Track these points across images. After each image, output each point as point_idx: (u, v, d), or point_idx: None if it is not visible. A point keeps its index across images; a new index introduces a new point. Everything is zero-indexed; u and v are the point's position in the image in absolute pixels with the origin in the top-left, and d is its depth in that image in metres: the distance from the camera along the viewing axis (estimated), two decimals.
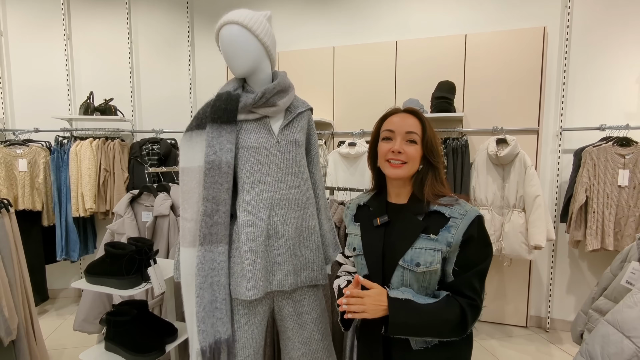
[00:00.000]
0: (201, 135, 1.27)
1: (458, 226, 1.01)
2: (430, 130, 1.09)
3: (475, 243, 1.01)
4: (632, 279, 1.49)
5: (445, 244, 1.01)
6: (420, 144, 1.08)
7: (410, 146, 1.08)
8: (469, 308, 0.98)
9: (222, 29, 1.27)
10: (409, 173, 1.09)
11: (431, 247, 1.02)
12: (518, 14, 3.09)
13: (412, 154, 1.07)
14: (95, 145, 3.27)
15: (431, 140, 1.08)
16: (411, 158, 1.08)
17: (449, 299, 1.00)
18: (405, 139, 1.08)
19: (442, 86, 2.97)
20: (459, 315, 0.98)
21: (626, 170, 2.60)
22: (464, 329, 1.00)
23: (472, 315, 0.99)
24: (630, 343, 1.26)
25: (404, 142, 1.08)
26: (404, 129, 1.08)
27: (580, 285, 3.05)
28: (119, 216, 1.85)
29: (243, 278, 1.23)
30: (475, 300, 1.00)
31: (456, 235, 1.00)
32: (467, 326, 0.99)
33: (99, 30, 3.69)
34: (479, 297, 1.01)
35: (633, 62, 2.87)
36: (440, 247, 1.01)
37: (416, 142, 1.08)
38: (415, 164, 1.09)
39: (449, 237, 1.01)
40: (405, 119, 1.10)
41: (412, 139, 1.08)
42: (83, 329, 1.87)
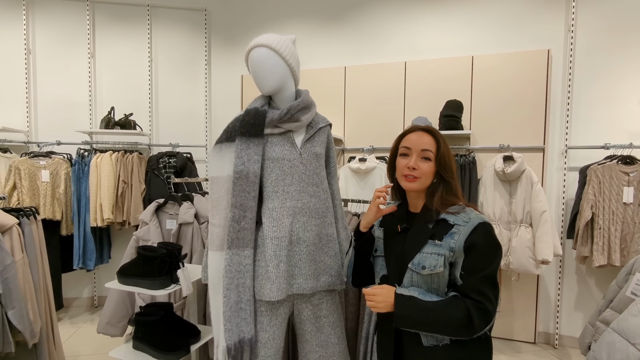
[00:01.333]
0: (230, 147, 1.38)
1: (460, 232, 1.08)
2: (444, 147, 1.18)
3: (479, 249, 1.06)
4: (637, 290, 1.54)
5: (448, 249, 1.08)
6: (434, 160, 1.17)
7: (425, 163, 1.17)
8: (474, 309, 1.02)
9: (252, 51, 1.39)
10: (421, 187, 1.18)
11: (435, 252, 1.10)
12: (523, 37, 3.22)
13: (425, 170, 1.17)
14: (115, 157, 3.40)
15: (445, 157, 1.17)
16: (424, 173, 1.17)
17: (454, 298, 1.06)
18: (420, 156, 1.17)
19: (450, 105, 3.08)
20: (464, 315, 1.02)
21: (630, 188, 2.66)
22: (470, 329, 1.04)
23: (480, 316, 1.03)
24: (636, 350, 1.31)
25: (419, 159, 1.17)
26: (420, 146, 1.17)
27: (588, 301, 3.08)
28: (144, 223, 1.95)
29: (267, 280, 1.32)
30: (482, 303, 1.03)
31: (458, 241, 1.08)
32: (474, 327, 1.03)
33: (121, 48, 3.88)
34: (487, 300, 1.04)
35: (635, 83, 2.97)
36: (443, 252, 1.09)
37: (430, 159, 1.17)
38: (429, 178, 1.18)
39: (451, 242, 1.08)
40: (421, 137, 1.19)
41: (427, 156, 1.17)
42: (106, 331, 1.95)
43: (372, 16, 3.60)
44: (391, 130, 3.38)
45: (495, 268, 1.08)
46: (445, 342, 1.11)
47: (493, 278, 1.07)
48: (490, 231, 1.10)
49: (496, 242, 1.10)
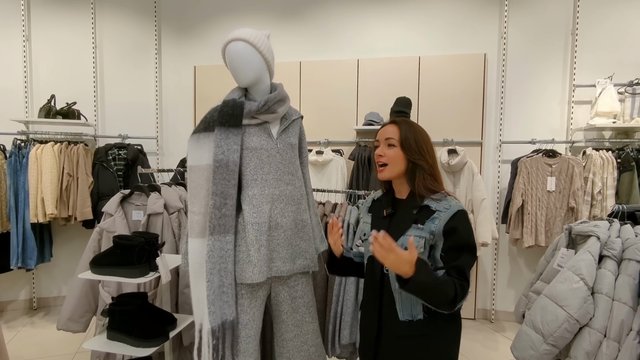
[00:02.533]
0: (208, 137, 1.41)
1: (441, 218, 1.18)
2: (408, 132, 1.27)
3: (457, 233, 1.17)
4: (562, 262, 1.82)
5: (429, 232, 1.18)
6: (398, 146, 1.27)
7: (389, 149, 1.27)
8: (459, 287, 1.13)
9: (230, 44, 1.43)
10: (392, 173, 1.28)
11: (417, 234, 1.20)
12: (463, 41, 3.52)
13: (390, 155, 1.27)
14: (58, 149, 3.19)
15: (409, 141, 1.26)
16: (390, 159, 1.27)
17: (446, 276, 1.15)
18: (385, 144, 1.29)
19: (400, 101, 3.28)
20: (454, 291, 1.12)
21: (553, 178, 3.06)
22: (453, 304, 1.13)
23: (461, 293, 1.13)
24: (563, 311, 1.56)
25: (385, 147, 1.29)
26: (384, 136, 1.29)
27: (519, 279, 3.48)
28: (108, 215, 1.89)
29: (249, 264, 1.38)
30: (463, 282, 1.14)
31: (438, 225, 1.18)
32: (456, 303, 1.13)
33: (61, 32, 3.62)
34: (466, 281, 1.15)
35: (555, 86, 3.39)
36: (424, 235, 1.19)
37: (394, 145, 1.27)
38: (397, 164, 1.27)
39: (432, 226, 1.18)
40: (386, 128, 1.31)
41: (391, 143, 1.28)
42: (68, 328, 1.87)
43: (327, 14, 3.71)
44: (346, 124, 3.52)
45: (474, 252, 1.19)
46: (419, 317, 1.22)
47: (472, 262, 1.19)
48: (467, 218, 1.22)
49: (471, 228, 1.22)
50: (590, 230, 1.72)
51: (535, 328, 1.64)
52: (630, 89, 3.15)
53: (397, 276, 1.13)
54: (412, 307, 1.23)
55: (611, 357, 1.47)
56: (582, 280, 1.58)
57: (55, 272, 3.65)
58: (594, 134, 3.32)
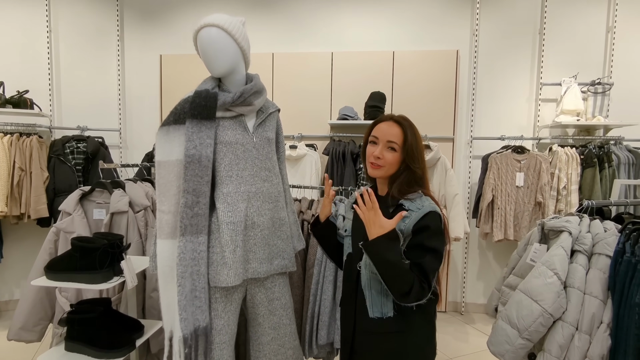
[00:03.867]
0: (179, 130, 1.31)
1: (412, 217, 1.15)
2: (412, 139, 1.22)
3: (427, 233, 1.13)
4: (535, 257, 1.85)
5: (398, 230, 1.13)
6: (399, 151, 1.22)
7: (389, 153, 1.22)
8: (418, 285, 1.10)
9: (202, 30, 1.33)
10: (385, 174, 1.25)
11: None
12: (436, 37, 3.53)
13: (389, 159, 1.22)
14: (8, 141, 2.94)
15: (412, 148, 1.21)
16: (388, 163, 1.22)
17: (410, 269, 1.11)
18: (386, 146, 1.23)
19: (374, 96, 3.26)
20: (409, 285, 1.09)
21: (521, 173, 3.13)
22: (404, 298, 1.11)
23: (417, 291, 1.10)
24: (538, 305, 1.59)
25: (384, 149, 1.23)
26: (387, 137, 1.23)
27: (488, 272, 3.57)
28: (66, 214, 1.73)
29: (224, 266, 1.29)
30: (423, 283, 1.11)
31: (408, 224, 1.15)
32: (409, 297, 1.10)
33: (10, 12, 3.32)
34: (427, 282, 1.12)
35: (523, 84, 3.48)
36: None
37: (395, 150, 1.22)
38: (393, 167, 1.23)
39: (402, 225, 1.15)
40: (390, 128, 1.24)
41: (392, 147, 1.22)
42: (20, 337, 1.70)
43: (301, 4, 3.62)
44: (319, 118, 3.46)
45: (440, 255, 1.15)
46: (389, 315, 1.19)
47: (437, 265, 1.14)
48: (438, 219, 1.17)
49: (441, 230, 1.17)
50: (563, 225, 1.75)
51: (511, 323, 1.66)
52: (593, 88, 3.28)
53: (365, 236, 1.14)
54: (382, 305, 1.21)
55: (583, 350, 1.51)
56: (556, 275, 1.61)
57: (6, 274, 3.38)
58: (559, 131, 3.44)
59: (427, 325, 1.27)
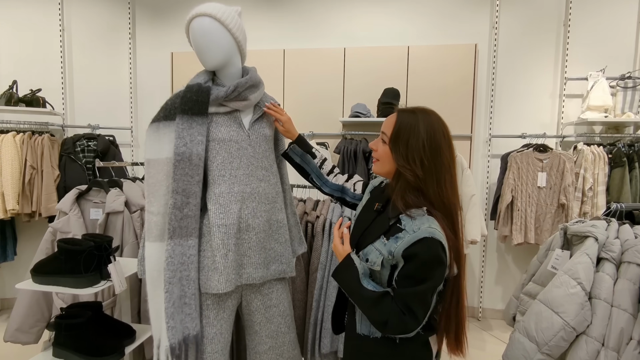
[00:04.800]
0: (169, 126, 1.24)
1: (403, 240, 0.98)
2: (403, 132, 1.03)
3: (416, 262, 0.97)
4: (556, 264, 1.71)
5: (388, 252, 1.01)
6: (388, 144, 1.06)
7: (381, 145, 1.10)
8: (395, 316, 0.97)
9: (194, 20, 1.25)
10: (381, 170, 1.12)
11: (379, 249, 1.03)
12: (453, 31, 3.38)
13: (380, 152, 1.10)
14: (20, 139, 2.96)
15: (397, 142, 1.04)
16: (379, 156, 1.10)
17: (384, 297, 1.00)
18: (380, 138, 1.11)
19: (388, 92, 3.14)
20: (384, 317, 0.98)
21: (544, 173, 2.96)
22: (383, 329, 1.01)
23: (397, 324, 0.98)
24: (559, 318, 1.45)
25: (379, 140, 1.11)
26: (382, 127, 1.10)
27: (507, 276, 3.40)
28: (62, 213, 1.70)
29: (215, 272, 1.22)
30: (405, 316, 0.97)
31: (398, 247, 0.99)
32: (386, 328, 0.99)
33: (23, 13, 3.35)
34: (411, 316, 0.98)
35: (546, 79, 3.29)
36: (384, 252, 1.01)
37: (385, 142, 1.08)
38: (386, 162, 1.09)
39: (392, 247, 1.00)
40: (389, 118, 1.10)
41: (382, 138, 1.09)
42: (16, 339, 1.68)
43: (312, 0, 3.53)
44: (331, 116, 3.36)
45: (428, 288, 0.98)
46: (376, 336, 1.07)
47: (424, 296, 0.99)
48: (436, 248, 0.97)
49: (438, 259, 0.98)
50: (588, 230, 1.61)
51: (529, 336, 1.53)
52: (622, 83, 3.07)
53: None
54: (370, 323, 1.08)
55: None
56: (580, 285, 1.47)
57: (21, 271, 3.42)
58: (585, 128, 3.23)
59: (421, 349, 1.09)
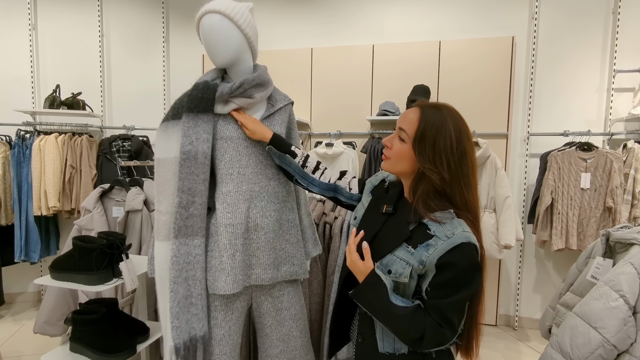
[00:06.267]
0: (177, 125, 1.24)
1: (437, 247, 0.92)
2: (429, 131, 0.96)
3: (453, 271, 0.91)
4: (597, 274, 1.55)
5: (418, 261, 0.93)
6: (410, 143, 0.98)
7: (398, 142, 1.01)
8: (431, 329, 0.92)
9: (203, 17, 1.25)
10: (392, 169, 1.04)
11: (405, 259, 0.95)
12: (489, 24, 3.20)
13: (396, 150, 1.01)
14: (61, 140, 3.12)
15: (423, 143, 0.96)
16: (394, 155, 1.01)
17: (417, 311, 0.94)
18: (397, 134, 1.02)
19: (417, 89, 3.03)
20: (419, 332, 0.92)
21: (588, 174, 2.73)
22: (417, 345, 0.95)
23: (434, 337, 0.93)
24: (597, 334, 1.31)
25: (395, 137, 1.02)
26: (400, 124, 1.01)
27: (546, 284, 3.17)
28: (87, 211, 1.77)
29: (222, 272, 1.20)
30: (442, 328, 0.92)
31: (432, 256, 0.92)
32: (423, 344, 0.93)
33: (67, 21, 3.54)
34: (449, 327, 0.93)
35: (593, 72, 3.03)
36: (412, 262, 0.94)
37: (404, 140, 1.00)
38: (400, 162, 1.01)
39: (424, 255, 0.93)
40: (408, 114, 1.01)
41: (400, 136, 1.01)
42: (44, 331, 1.76)
43: None
44: (359, 115, 3.29)
45: (467, 295, 0.94)
46: (402, 352, 1.01)
47: (462, 305, 0.96)
48: (473, 254, 0.92)
49: (477, 265, 0.93)
50: (633, 237, 1.45)
51: (563, 352, 1.39)
52: None
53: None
54: (395, 339, 1.01)
55: None
56: (622, 298, 1.32)
57: None
58: (637, 124, 2.95)
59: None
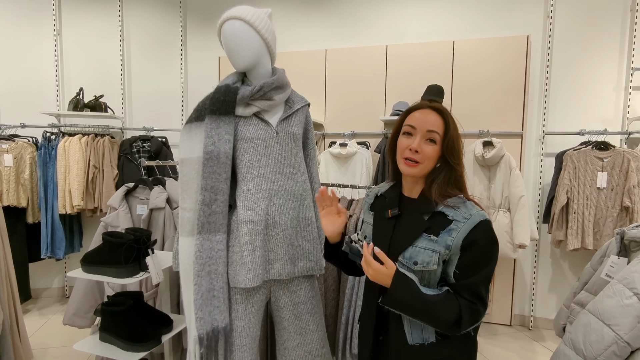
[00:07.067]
0: (200, 127, 1.30)
1: (459, 230, 0.99)
2: (454, 129, 1.05)
3: (478, 248, 0.99)
4: (611, 272, 1.56)
5: (444, 247, 0.99)
6: (440, 144, 1.04)
7: (429, 145, 1.04)
8: (466, 309, 0.98)
9: (225, 24, 1.31)
10: (422, 172, 1.06)
11: (430, 247, 1.01)
12: (503, 23, 3.20)
13: (429, 154, 1.04)
14: (85, 141, 3.24)
15: (453, 141, 1.04)
16: (427, 158, 1.04)
17: (449, 296, 1.00)
18: (425, 137, 1.04)
19: (431, 90, 3.04)
20: (455, 314, 0.97)
21: (604, 173, 2.71)
22: (457, 328, 0.99)
23: (470, 316, 0.98)
24: (610, 331, 1.33)
25: (423, 141, 1.04)
26: (426, 126, 1.04)
27: (562, 284, 3.16)
28: (113, 209, 1.85)
29: (242, 266, 1.26)
30: (475, 304, 0.99)
31: (456, 239, 0.99)
32: (461, 326, 0.98)
33: (90, 26, 3.67)
34: (480, 302, 0.99)
35: (610, 71, 3.00)
36: (439, 248, 1.00)
37: (435, 142, 1.04)
38: (431, 163, 1.05)
39: (448, 240, 0.99)
40: (428, 116, 1.05)
41: (432, 138, 1.04)
42: (73, 323, 1.86)
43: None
44: (372, 115, 3.33)
45: (492, 268, 1.01)
46: (431, 341, 1.05)
47: (489, 279, 1.02)
48: (491, 229, 1.01)
49: (495, 240, 1.02)
50: None
51: (576, 349, 1.41)
52: None
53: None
54: (422, 330, 1.05)
55: None
56: (636, 296, 1.33)
57: None
58: None
59: (471, 344, 1.10)
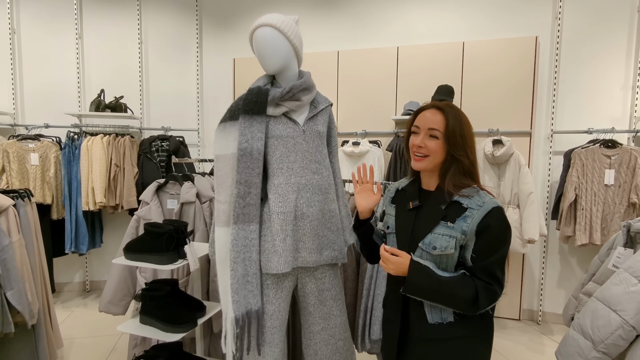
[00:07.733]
0: (234, 125, 1.41)
1: (474, 216, 1.09)
2: (455, 124, 1.15)
3: (491, 232, 1.08)
4: (618, 263, 1.64)
5: (460, 232, 1.10)
6: (442, 138, 1.15)
7: (432, 141, 1.16)
8: (482, 290, 1.07)
9: (257, 30, 1.41)
10: (430, 165, 1.18)
11: (447, 233, 1.12)
12: (512, 24, 3.28)
13: (432, 147, 1.16)
14: (106, 141, 3.37)
15: (454, 135, 1.14)
16: (431, 151, 1.16)
17: (465, 277, 1.10)
18: (427, 134, 1.17)
19: (441, 90, 3.13)
20: (472, 295, 1.06)
21: (612, 170, 2.78)
22: (475, 307, 1.08)
23: (486, 296, 1.07)
24: (617, 316, 1.41)
25: (426, 137, 1.17)
26: (427, 125, 1.17)
27: (570, 279, 3.23)
28: (145, 203, 1.97)
29: (274, 254, 1.37)
30: (491, 285, 1.08)
31: (471, 224, 1.09)
32: (479, 305, 1.07)
33: (110, 29, 3.80)
34: (496, 282, 1.09)
35: (618, 70, 3.07)
36: (455, 234, 1.10)
37: (437, 137, 1.16)
38: (437, 156, 1.17)
39: (464, 225, 1.10)
40: (430, 115, 1.18)
41: (434, 135, 1.16)
42: (108, 310, 1.98)
43: (366, 0, 3.61)
44: (384, 114, 3.42)
45: (506, 250, 1.12)
46: (450, 320, 1.15)
47: (503, 261, 1.11)
48: (503, 215, 1.12)
49: (507, 224, 1.12)
50: None
51: (584, 333, 1.50)
52: None
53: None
54: (441, 310, 1.16)
55: None
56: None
57: (106, 257, 3.88)
58: None
59: (486, 327, 1.20)
